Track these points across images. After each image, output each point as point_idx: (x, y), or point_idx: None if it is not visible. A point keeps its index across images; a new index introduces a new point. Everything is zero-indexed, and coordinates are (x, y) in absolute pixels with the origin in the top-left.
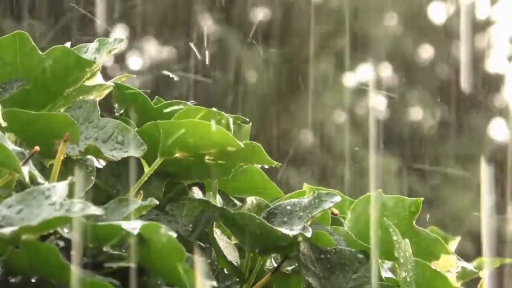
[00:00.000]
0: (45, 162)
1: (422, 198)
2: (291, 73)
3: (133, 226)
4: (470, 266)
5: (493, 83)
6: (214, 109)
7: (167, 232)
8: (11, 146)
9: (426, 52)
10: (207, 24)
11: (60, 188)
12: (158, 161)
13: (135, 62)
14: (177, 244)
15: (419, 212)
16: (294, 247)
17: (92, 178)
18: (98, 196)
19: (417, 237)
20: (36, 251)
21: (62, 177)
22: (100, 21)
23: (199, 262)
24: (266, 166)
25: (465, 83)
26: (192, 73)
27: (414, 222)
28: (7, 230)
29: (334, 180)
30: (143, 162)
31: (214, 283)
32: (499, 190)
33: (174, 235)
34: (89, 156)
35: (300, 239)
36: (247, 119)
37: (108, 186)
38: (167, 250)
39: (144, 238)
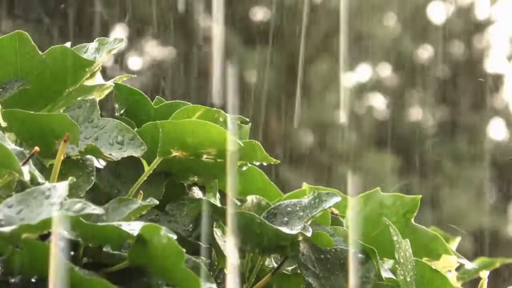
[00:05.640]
0: (45, 162)
1: (420, 196)
2: (291, 72)
3: (133, 227)
4: (471, 264)
5: (493, 83)
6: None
7: (167, 234)
8: (11, 146)
9: (426, 52)
10: (207, 24)
11: (60, 188)
12: (157, 161)
13: (135, 62)
14: (177, 245)
15: (417, 210)
16: (294, 247)
17: (92, 178)
18: (98, 196)
19: (415, 235)
20: (36, 251)
21: (62, 177)
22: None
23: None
24: (265, 164)
25: (465, 83)
26: (192, 72)
27: (412, 220)
28: (7, 229)
29: (334, 180)
30: (144, 162)
31: (214, 286)
32: (499, 190)
33: (174, 236)
34: (89, 156)
35: (300, 239)
36: (247, 119)
37: (108, 186)
38: (167, 251)
39: (144, 239)
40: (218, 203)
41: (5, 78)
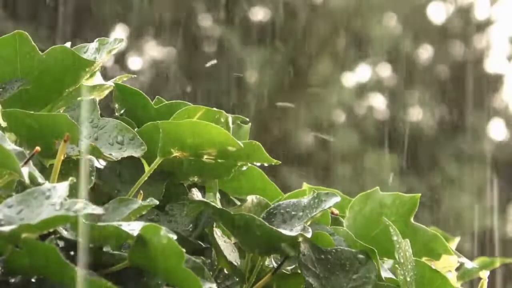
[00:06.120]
0: (45, 162)
1: (420, 194)
2: (292, 72)
3: (133, 227)
4: (471, 264)
5: (493, 83)
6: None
7: (167, 234)
8: (11, 146)
9: (426, 52)
10: (207, 24)
11: (60, 188)
12: (158, 161)
13: (135, 62)
14: (177, 245)
15: (416, 209)
16: (294, 248)
17: (92, 178)
18: (98, 196)
19: (415, 235)
20: (36, 251)
21: (62, 177)
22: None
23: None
24: (265, 165)
25: (464, 83)
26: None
27: (412, 219)
28: (7, 228)
29: (333, 180)
30: (144, 162)
31: (214, 286)
32: (498, 190)
33: (174, 237)
34: (89, 156)
35: (300, 239)
36: (247, 119)
37: (108, 186)
38: (167, 251)
39: (144, 239)
40: (218, 203)
41: (5, 78)
